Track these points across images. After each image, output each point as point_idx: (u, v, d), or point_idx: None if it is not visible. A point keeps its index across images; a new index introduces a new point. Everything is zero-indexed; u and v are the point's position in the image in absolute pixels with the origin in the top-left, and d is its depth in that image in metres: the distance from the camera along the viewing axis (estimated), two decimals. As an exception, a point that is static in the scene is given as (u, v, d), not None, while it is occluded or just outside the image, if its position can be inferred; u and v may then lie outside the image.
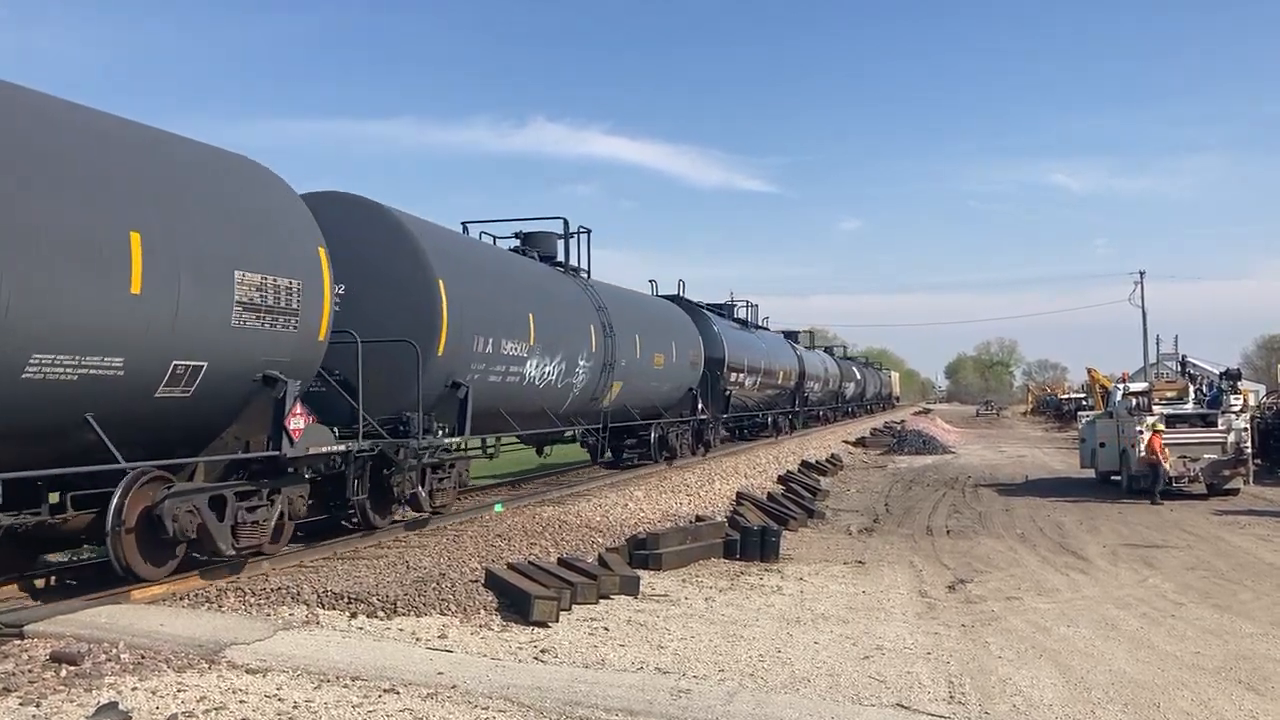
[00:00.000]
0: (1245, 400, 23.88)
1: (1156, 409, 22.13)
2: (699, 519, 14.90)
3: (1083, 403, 57.62)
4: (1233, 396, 22.62)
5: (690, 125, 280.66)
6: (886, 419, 60.49)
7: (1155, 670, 8.44)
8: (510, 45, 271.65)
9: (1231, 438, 21.58)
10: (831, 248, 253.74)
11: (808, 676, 7.89)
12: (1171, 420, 21.73)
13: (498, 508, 15.72)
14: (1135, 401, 22.90)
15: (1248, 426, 22.35)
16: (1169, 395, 23.52)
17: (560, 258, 18.94)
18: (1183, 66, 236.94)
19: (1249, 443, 22.03)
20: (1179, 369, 31.66)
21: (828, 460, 30.04)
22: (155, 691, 6.42)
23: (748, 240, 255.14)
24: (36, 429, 7.84)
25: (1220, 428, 21.76)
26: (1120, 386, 24.64)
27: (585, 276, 19.57)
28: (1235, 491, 21.76)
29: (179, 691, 6.45)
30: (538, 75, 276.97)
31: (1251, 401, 27.80)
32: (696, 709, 6.77)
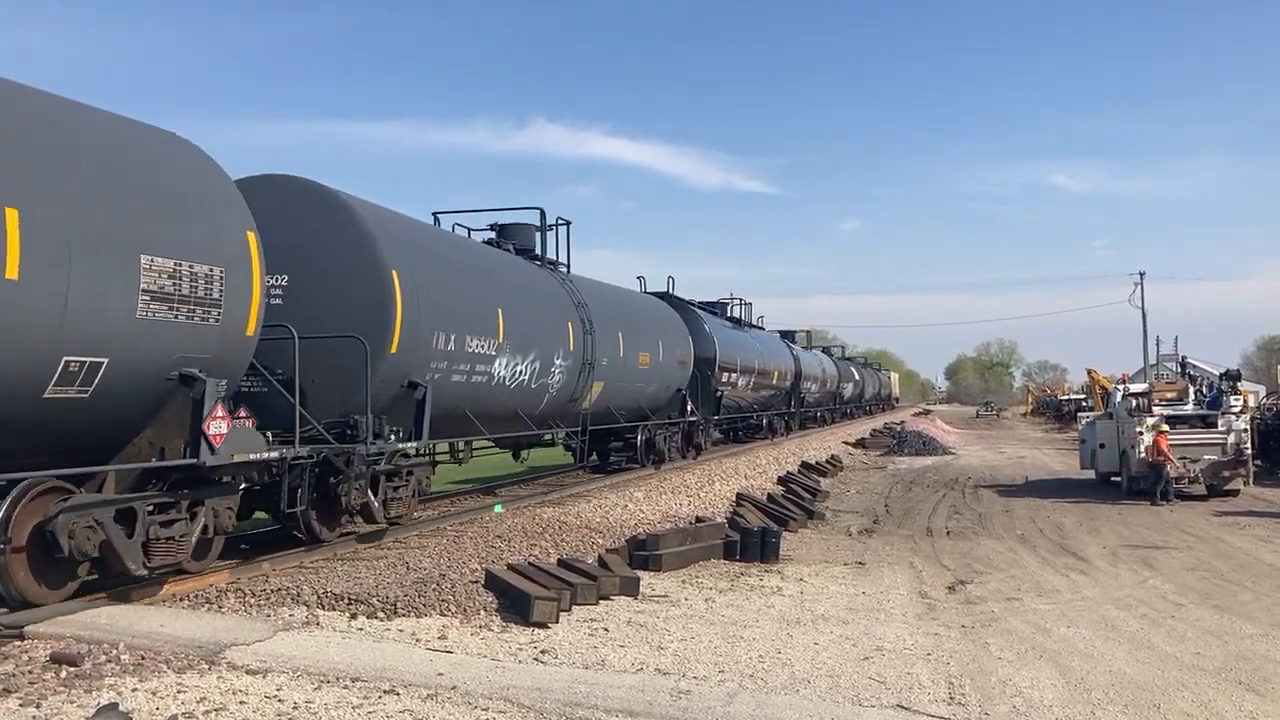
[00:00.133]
0: (1245, 401, 23.94)
1: (1156, 410, 22.15)
2: (699, 520, 14.89)
3: (1083, 404, 57.62)
4: (1233, 397, 22.66)
5: (690, 126, 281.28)
6: (886, 420, 60.51)
7: (1155, 671, 8.44)
8: (510, 46, 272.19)
9: (1231, 439, 21.58)
10: (832, 248, 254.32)
11: (808, 677, 7.89)
12: (1171, 421, 21.74)
13: (498, 509, 15.72)
14: (1135, 402, 22.92)
15: (1248, 427, 22.36)
16: (1169, 396, 23.53)
17: (541, 252, 18.16)
18: (1183, 67, 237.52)
19: (1249, 444, 22.04)
20: (1179, 370, 31.71)
21: (827, 461, 30.03)
22: (155, 692, 6.43)
23: (748, 241, 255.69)
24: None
25: (1220, 429, 21.76)
26: (1120, 387, 24.65)
27: (564, 271, 18.71)
28: (1235, 492, 21.77)
29: (179, 692, 6.46)
30: (538, 76, 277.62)
31: (1251, 402, 27.84)
32: (696, 710, 6.77)
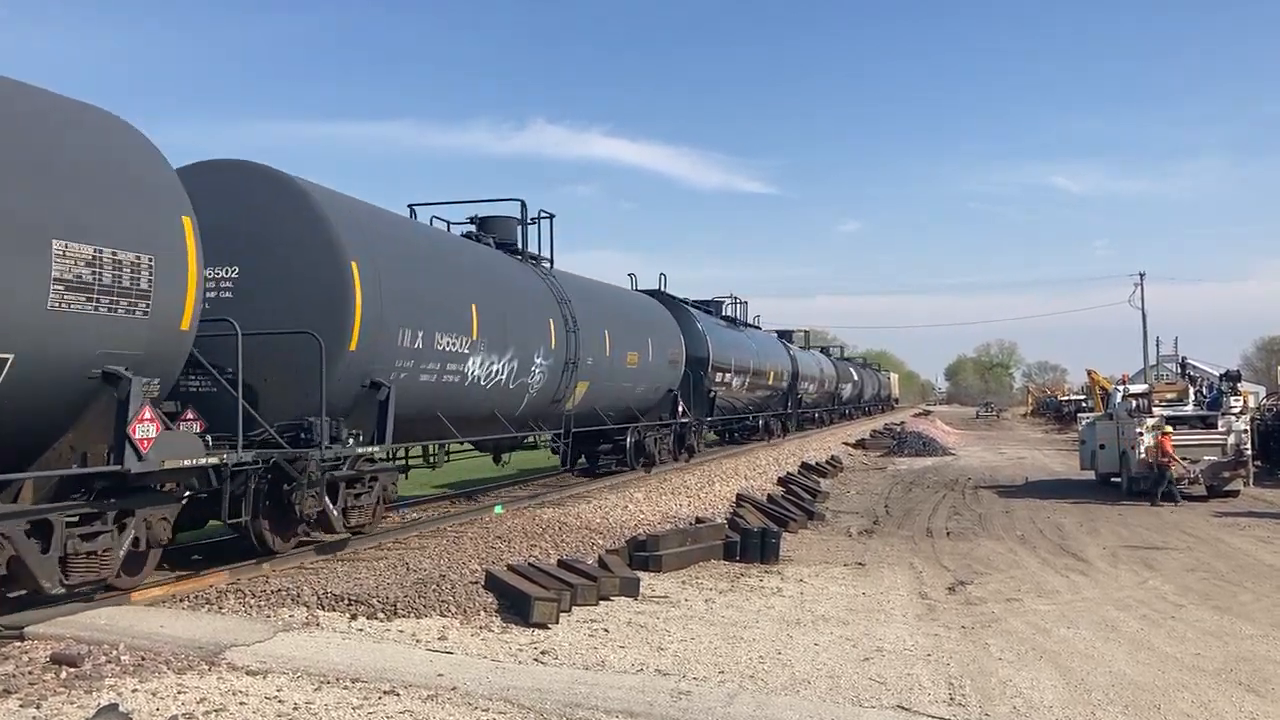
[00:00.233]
0: (1245, 402, 23.92)
1: (1156, 411, 22.15)
2: (699, 521, 14.90)
3: (1083, 404, 57.60)
4: (1233, 398, 22.65)
5: (690, 126, 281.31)
6: (886, 421, 60.51)
7: (1155, 672, 8.44)
8: (510, 46, 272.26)
9: (1231, 439, 21.59)
10: (831, 249, 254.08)
11: (808, 678, 7.89)
12: (1171, 422, 21.74)
13: (498, 509, 15.73)
14: (1135, 403, 22.92)
15: (1247, 428, 22.37)
16: (1169, 397, 23.54)
17: (522, 246, 17.28)
18: (1183, 67, 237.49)
19: (1249, 444, 22.06)
20: (1179, 371, 31.68)
21: (827, 462, 30.04)
22: (156, 693, 6.43)
23: (748, 241, 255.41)
24: None
25: (1220, 429, 21.77)
26: (1120, 388, 24.65)
27: (548, 266, 17.85)
28: (1235, 493, 21.79)
29: (179, 693, 6.46)
30: (538, 76, 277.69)
31: (1251, 403, 27.82)
32: (697, 711, 6.77)
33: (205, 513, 10.45)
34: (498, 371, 14.39)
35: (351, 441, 10.99)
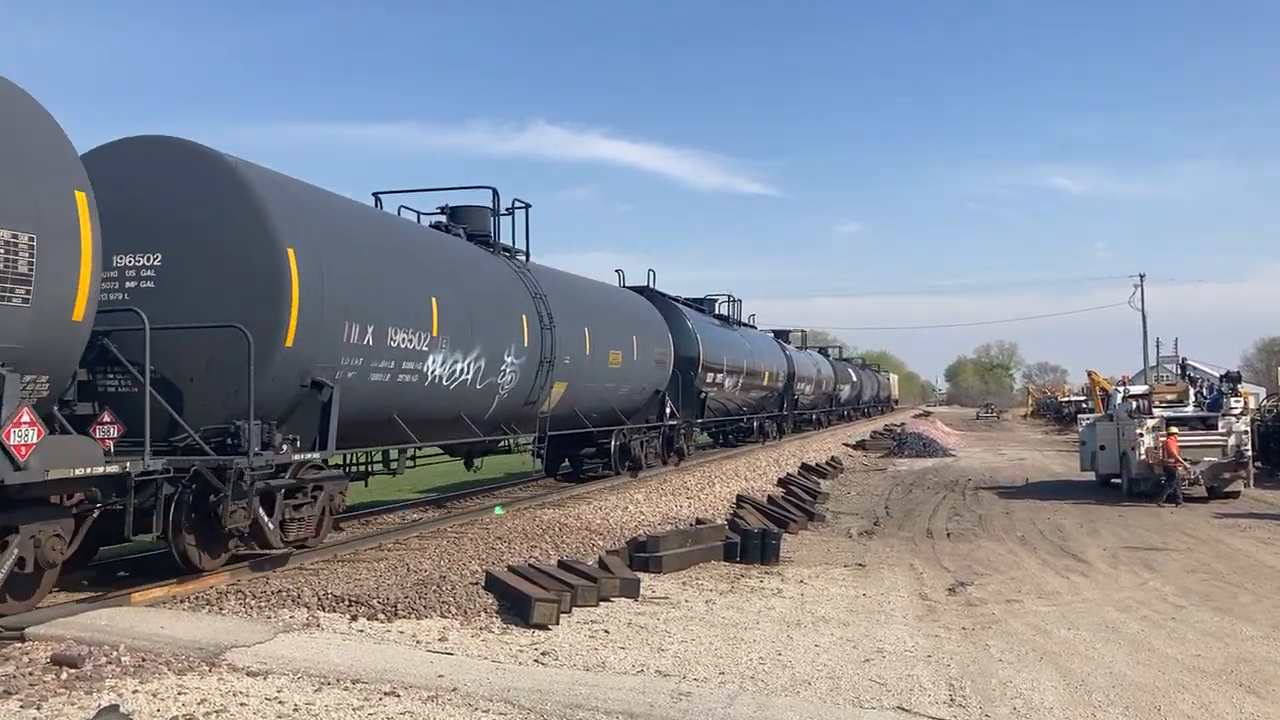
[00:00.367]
0: (1245, 403, 23.90)
1: (1157, 412, 22.16)
2: (699, 522, 14.90)
3: (1083, 405, 57.59)
4: (1233, 399, 22.66)
5: (690, 128, 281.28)
6: (885, 422, 60.51)
7: (1156, 673, 8.44)
8: (510, 48, 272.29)
9: (1232, 440, 21.61)
10: (832, 250, 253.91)
11: (808, 679, 7.89)
12: (1172, 423, 21.75)
13: (498, 510, 15.74)
14: (1135, 404, 22.93)
15: (1248, 429, 22.39)
16: (1169, 398, 23.57)
17: (495, 237, 16.25)
18: (1184, 69, 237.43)
19: (1249, 445, 22.07)
20: (1179, 372, 31.67)
21: (828, 463, 30.07)
22: (156, 694, 6.44)
23: (748, 241, 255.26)
24: None
25: (1220, 430, 21.79)
26: (1120, 389, 24.66)
27: (523, 259, 16.81)
28: (1235, 494, 21.81)
29: (180, 694, 6.46)
30: (538, 78, 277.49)
31: (1252, 404, 27.80)
32: (697, 712, 6.78)
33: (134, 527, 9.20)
34: (462, 371, 13.42)
35: (287, 448, 9.91)
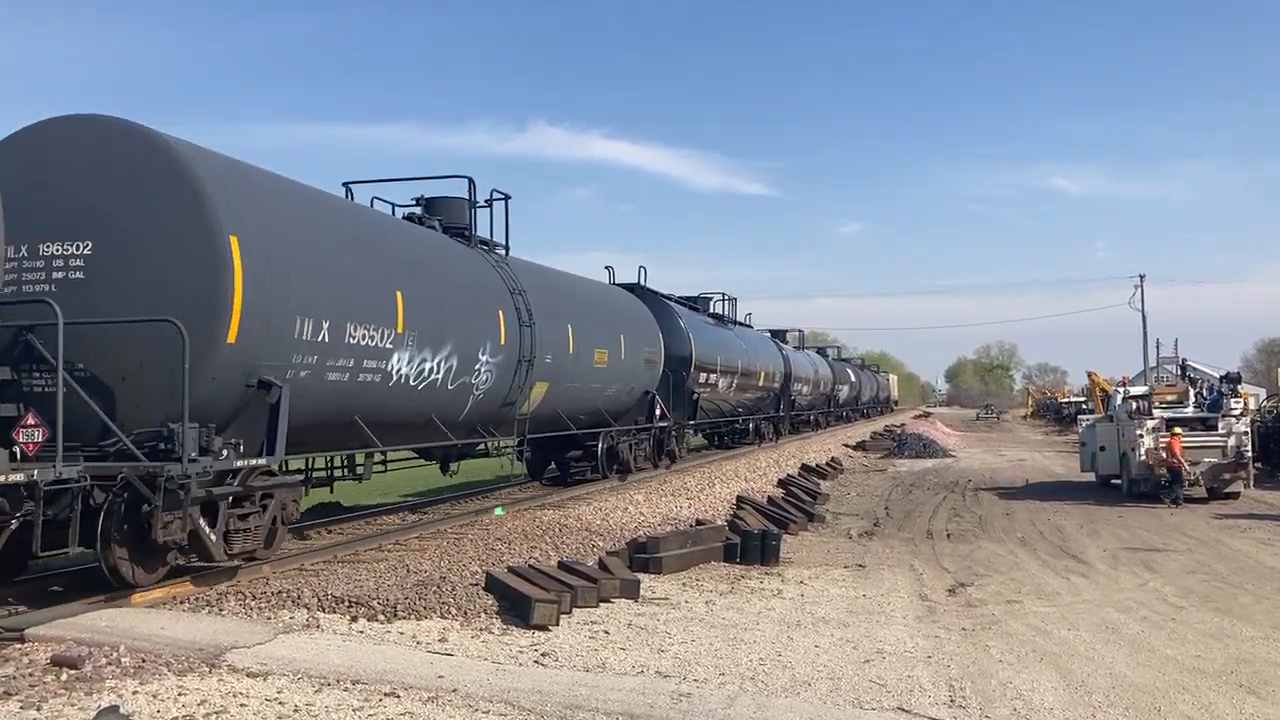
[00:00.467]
0: (1245, 404, 23.92)
1: (1157, 413, 22.17)
2: (699, 523, 14.90)
3: (1083, 406, 57.54)
4: (1233, 400, 22.67)
5: (690, 128, 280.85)
6: (885, 423, 60.48)
7: (1156, 674, 8.44)
8: (511, 48, 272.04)
9: (1232, 441, 21.61)
10: (831, 250, 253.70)
11: (808, 680, 7.89)
12: (1172, 424, 21.76)
13: (498, 511, 15.73)
14: (1135, 405, 22.94)
15: (1248, 430, 22.39)
16: (1169, 399, 23.55)
17: (472, 229, 15.54)
18: (1184, 70, 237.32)
19: (1249, 446, 22.07)
20: (1179, 372, 31.65)
21: (828, 464, 30.09)
22: (156, 695, 6.44)
23: (749, 241, 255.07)
24: None
25: (1220, 431, 21.79)
26: (1120, 390, 24.67)
27: (502, 253, 16.11)
28: (1236, 495, 21.81)
29: (180, 695, 6.46)
30: (538, 78, 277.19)
31: (1252, 405, 27.81)
32: (697, 713, 6.78)
33: (58, 538, 8.61)
34: (432, 370, 12.64)
35: (228, 453, 9.17)
